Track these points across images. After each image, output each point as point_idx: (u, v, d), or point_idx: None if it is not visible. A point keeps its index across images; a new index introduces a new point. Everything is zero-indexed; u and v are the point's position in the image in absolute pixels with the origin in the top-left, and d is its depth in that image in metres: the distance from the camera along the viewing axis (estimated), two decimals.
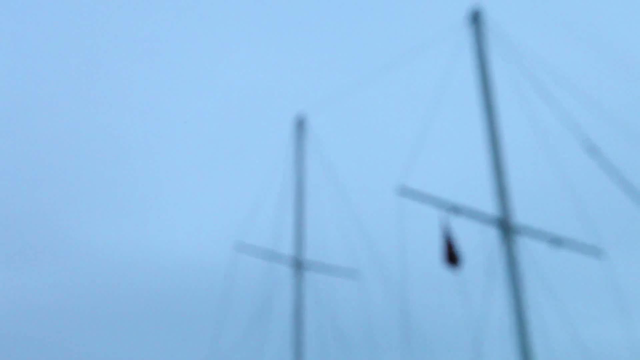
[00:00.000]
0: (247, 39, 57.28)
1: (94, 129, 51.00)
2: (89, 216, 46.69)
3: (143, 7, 56.04)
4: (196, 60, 57.14)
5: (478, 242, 15.33)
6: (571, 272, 16.40)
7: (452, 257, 15.13)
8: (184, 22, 57.41)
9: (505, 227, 15.32)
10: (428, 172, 17.09)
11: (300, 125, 25.33)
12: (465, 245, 15.37)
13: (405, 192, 15.41)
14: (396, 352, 16.71)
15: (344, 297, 23.12)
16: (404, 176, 15.57)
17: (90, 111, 51.73)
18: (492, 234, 15.38)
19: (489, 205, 15.72)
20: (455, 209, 15.34)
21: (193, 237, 42.52)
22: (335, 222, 23.59)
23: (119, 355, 35.90)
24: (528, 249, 15.32)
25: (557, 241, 15.67)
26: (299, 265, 23.62)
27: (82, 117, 51.24)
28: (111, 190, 47.97)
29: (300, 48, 55.22)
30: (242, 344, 23.00)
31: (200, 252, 39.43)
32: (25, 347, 36.33)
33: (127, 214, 47.31)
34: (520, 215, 15.61)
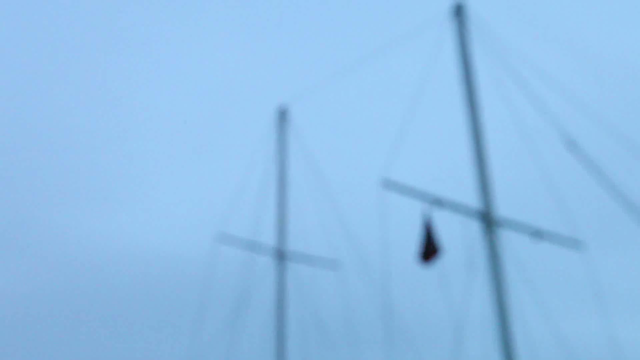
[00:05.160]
0: (228, 28, 56.95)
1: (74, 120, 50.54)
2: (63, 207, 46.30)
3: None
4: (176, 51, 56.72)
5: (459, 235, 15.43)
6: (551, 265, 16.57)
7: (429, 251, 15.17)
8: (163, 12, 56.95)
9: (487, 220, 15.43)
10: (410, 165, 17.16)
11: (282, 116, 25.28)
12: (446, 239, 15.45)
13: (389, 184, 15.45)
14: (377, 344, 16.79)
15: (325, 289, 23.21)
16: (387, 169, 15.62)
17: (68, 102, 51.24)
18: (474, 227, 15.49)
19: (470, 198, 15.83)
20: (438, 202, 15.41)
21: (172, 227, 42.33)
22: (317, 213, 23.66)
23: (96, 347, 35.77)
24: (509, 241, 15.46)
25: (538, 234, 15.81)
26: (281, 255, 23.63)
27: (61, 108, 50.75)
28: (87, 180, 47.59)
29: (281, 38, 55.03)
30: (222, 336, 23.01)
31: (179, 242, 39.31)
32: (4, 338, 36.03)
33: (104, 204, 47.01)
34: (502, 208, 15.75)
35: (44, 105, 50.47)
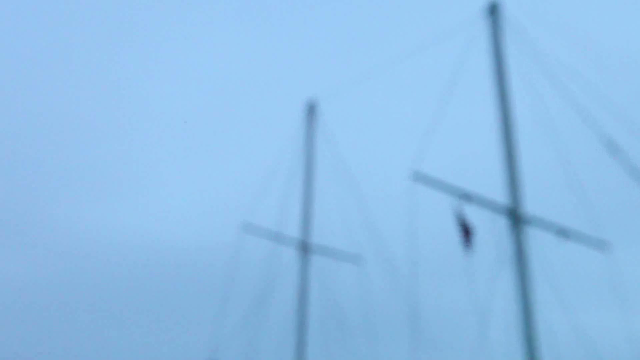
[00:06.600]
0: (261, 22, 57.32)
1: (92, 113, 50.98)
2: (89, 199, 46.79)
3: None
4: (208, 42, 57.21)
5: (487, 230, 15.58)
6: (576, 263, 16.67)
7: (468, 236, 15.37)
8: (194, 4, 57.39)
9: (515, 217, 15.57)
10: (439, 160, 17.32)
11: (311, 110, 25.53)
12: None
13: (419, 177, 15.64)
14: (398, 338, 16.96)
15: (348, 282, 23.40)
16: (417, 162, 15.81)
17: (78, 96, 51.65)
18: (501, 223, 15.63)
19: (498, 194, 15.97)
20: (467, 197, 15.58)
21: (200, 217, 42.74)
22: (342, 207, 23.85)
23: (119, 336, 36.13)
24: (536, 238, 15.59)
25: (564, 233, 15.94)
26: (305, 248, 23.87)
27: (73, 101, 51.17)
28: (115, 170, 48.09)
29: (315, 33, 55.29)
30: (245, 325, 23.27)
31: (206, 231, 39.66)
32: (11, 332, 36.25)
33: (133, 194, 47.51)
34: (529, 206, 15.87)
35: (60, 98, 50.90)
